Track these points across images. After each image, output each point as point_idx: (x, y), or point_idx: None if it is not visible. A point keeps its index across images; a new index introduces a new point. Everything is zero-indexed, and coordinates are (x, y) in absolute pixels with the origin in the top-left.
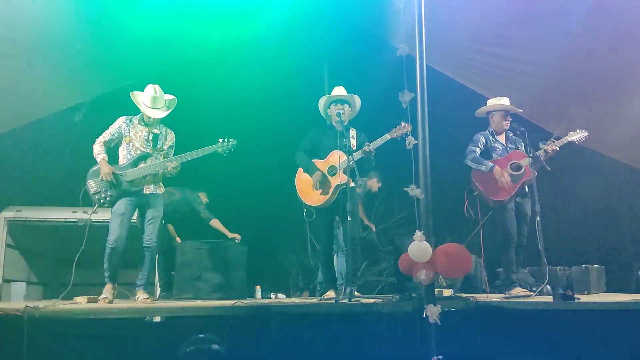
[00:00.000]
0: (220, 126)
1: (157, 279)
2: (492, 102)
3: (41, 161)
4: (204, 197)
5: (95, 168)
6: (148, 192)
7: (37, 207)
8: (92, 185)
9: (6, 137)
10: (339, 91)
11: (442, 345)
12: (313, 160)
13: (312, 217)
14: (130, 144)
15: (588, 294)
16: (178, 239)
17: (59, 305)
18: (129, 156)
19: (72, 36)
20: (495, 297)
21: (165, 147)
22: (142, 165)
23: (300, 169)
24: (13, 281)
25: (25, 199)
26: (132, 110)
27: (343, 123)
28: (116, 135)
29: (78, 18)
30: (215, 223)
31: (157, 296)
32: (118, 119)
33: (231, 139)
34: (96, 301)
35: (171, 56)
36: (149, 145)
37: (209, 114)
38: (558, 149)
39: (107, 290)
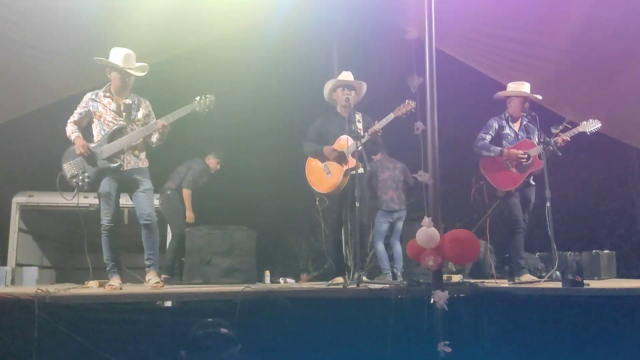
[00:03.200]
0: (226, 110)
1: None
2: (512, 87)
3: (53, 146)
4: (213, 162)
5: (69, 149)
6: (129, 168)
7: (48, 192)
8: (67, 168)
9: (18, 123)
10: (347, 76)
11: (450, 331)
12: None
13: (325, 205)
14: (101, 119)
15: (598, 279)
16: (189, 212)
17: (70, 289)
18: (102, 132)
19: (81, 22)
20: (504, 283)
21: (140, 117)
22: (118, 138)
23: (309, 159)
24: (26, 265)
25: (37, 184)
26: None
27: (350, 108)
28: (84, 113)
29: (87, 3)
30: (186, 194)
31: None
32: (84, 96)
33: (208, 95)
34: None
35: (180, 39)
36: (122, 117)
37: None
38: (569, 139)
39: (114, 281)
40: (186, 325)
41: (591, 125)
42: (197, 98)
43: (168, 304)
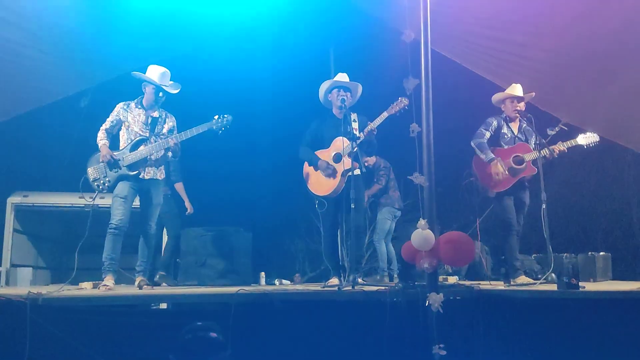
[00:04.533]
0: (223, 111)
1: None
2: (506, 91)
3: (48, 146)
4: (171, 140)
5: (95, 155)
6: (148, 177)
7: (43, 193)
8: (91, 172)
9: (14, 123)
10: (343, 78)
11: (445, 333)
12: (317, 151)
13: (325, 208)
14: (130, 128)
15: (594, 281)
16: (188, 204)
17: (62, 291)
18: (129, 141)
19: (78, 22)
20: (499, 285)
21: (164, 131)
22: (141, 149)
23: (307, 163)
24: (20, 266)
25: (32, 184)
26: (137, 94)
27: (345, 109)
28: (115, 121)
29: (83, 4)
30: (180, 187)
31: (157, 277)
32: (117, 105)
33: (226, 115)
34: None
35: (175, 41)
36: (148, 129)
37: (212, 99)
38: (566, 150)
39: (108, 280)
40: (179, 327)
41: (589, 139)
42: (216, 117)
43: (163, 305)
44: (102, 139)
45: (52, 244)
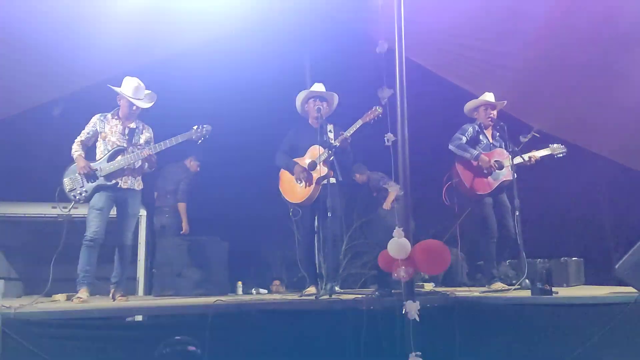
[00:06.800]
0: (199, 120)
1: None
2: (479, 98)
3: (19, 155)
4: (194, 165)
5: (71, 166)
6: (125, 187)
7: (15, 203)
8: (67, 182)
9: None
10: (319, 87)
11: (421, 341)
12: (293, 159)
13: (299, 216)
14: (106, 139)
15: (567, 286)
16: (185, 225)
17: (35, 304)
18: (105, 151)
19: (51, 30)
20: (475, 291)
21: (142, 141)
22: (118, 159)
23: (282, 170)
24: None
25: (4, 194)
26: (110, 104)
27: (322, 119)
28: (91, 133)
29: (56, 12)
30: (182, 207)
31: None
32: (93, 117)
33: (205, 125)
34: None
35: (149, 50)
36: (125, 140)
37: (187, 108)
38: (539, 158)
39: (82, 293)
40: (156, 339)
41: (558, 150)
42: (195, 127)
43: (139, 317)
44: (76, 150)
45: (24, 254)
